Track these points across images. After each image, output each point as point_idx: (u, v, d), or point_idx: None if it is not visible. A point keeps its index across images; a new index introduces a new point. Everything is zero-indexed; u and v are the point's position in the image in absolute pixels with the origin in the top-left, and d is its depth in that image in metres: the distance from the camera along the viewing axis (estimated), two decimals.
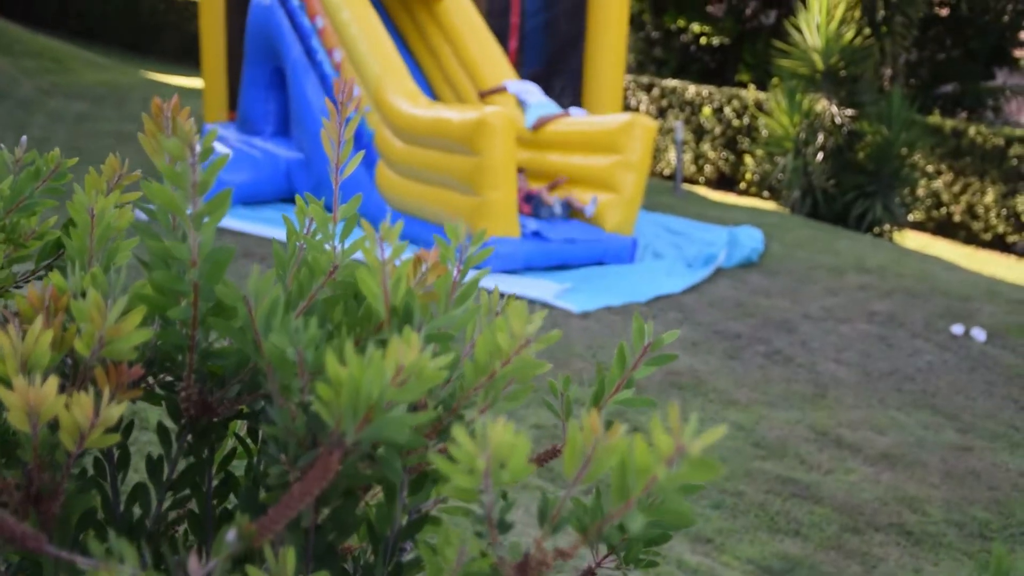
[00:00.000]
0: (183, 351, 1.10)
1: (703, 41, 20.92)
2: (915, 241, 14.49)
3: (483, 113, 7.75)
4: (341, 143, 1.22)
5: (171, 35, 26.63)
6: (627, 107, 18.46)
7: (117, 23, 27.52)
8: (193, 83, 18.99)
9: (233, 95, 11.93)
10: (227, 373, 1.13)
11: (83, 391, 0.92)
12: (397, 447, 0.97)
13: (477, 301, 1.14)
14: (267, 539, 0.91)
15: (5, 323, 1.09)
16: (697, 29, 20.58)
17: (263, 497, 1.08)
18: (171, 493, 1.17)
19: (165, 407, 1.15)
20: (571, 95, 11.54)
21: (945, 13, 18.38)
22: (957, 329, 7.42)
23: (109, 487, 1.15)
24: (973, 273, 9.98)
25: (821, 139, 13.61)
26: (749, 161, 16.67)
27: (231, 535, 0.88)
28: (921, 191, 15.09)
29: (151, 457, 1.16)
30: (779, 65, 14.22)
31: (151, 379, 1.15)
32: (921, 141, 13.70)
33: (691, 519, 0.84)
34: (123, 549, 0.90)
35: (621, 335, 6.64)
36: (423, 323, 1.07)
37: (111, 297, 1.06)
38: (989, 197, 14.86)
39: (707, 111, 17.51)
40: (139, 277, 1.09)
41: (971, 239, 15.24)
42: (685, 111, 17.94)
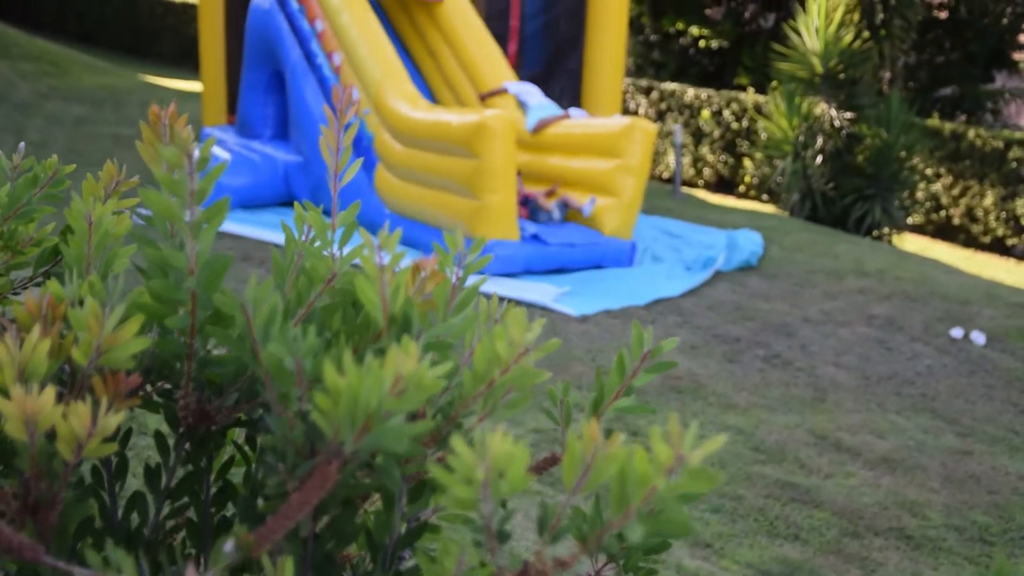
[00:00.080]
0: (181, 359, 1.10)
1: (702, 44, 20.94)
2: (914, 244, 14.49)
3: (483, 116, 7.75)
4: (340, 150, 1.21)
5: (169, 38, 26.65)
6: (626, 110, 18.46)
7: (115, 26, 27.55)
8: (192, 86, 19.00)
9: (232, 98, 11.93)
10: (225, 381, 1.13)
11: (81, 400, 0.91)
12: (395, 456, 0.97)
13: (476, 308, 1.13)
14: (265, 549, 0.90)
15: (3, 332, 1.08)
16: (696, 32, 20.60)
17: (261, 506, 1.07)
18: (169, 501, 1.17)
19: (163, 415, 1.15)
20: (570, 97, 11.54)
21: (944, 16, 18.40)
22: (956, 333, 7.42)
23: (107, 495, 1.15)
24: (972, 276, 9.98)
25: (820, 142, 13.62)
26: (748, 164, 16.67)
27: (229, 545, 0.88)
28: (920, 194, 15.09)
29: (149, 466, 1.15)
30: (778, 68, 14.23)
31: (149, 387, 1.15)
32: (920, 144, 13.70)
33: (690, 529, 0.83)
34: (120, 559, 0.89)
35: (620, 339, 6.63)
36: (422, 331, 1.07)
37: (109, 305, 1.06)
38: (988, 200, 14.87)
39: (706, 114, 17.51)
40: (137, 283, 1.09)
41: (970, 242, 15.25)
42: (684, 114, 17.94)
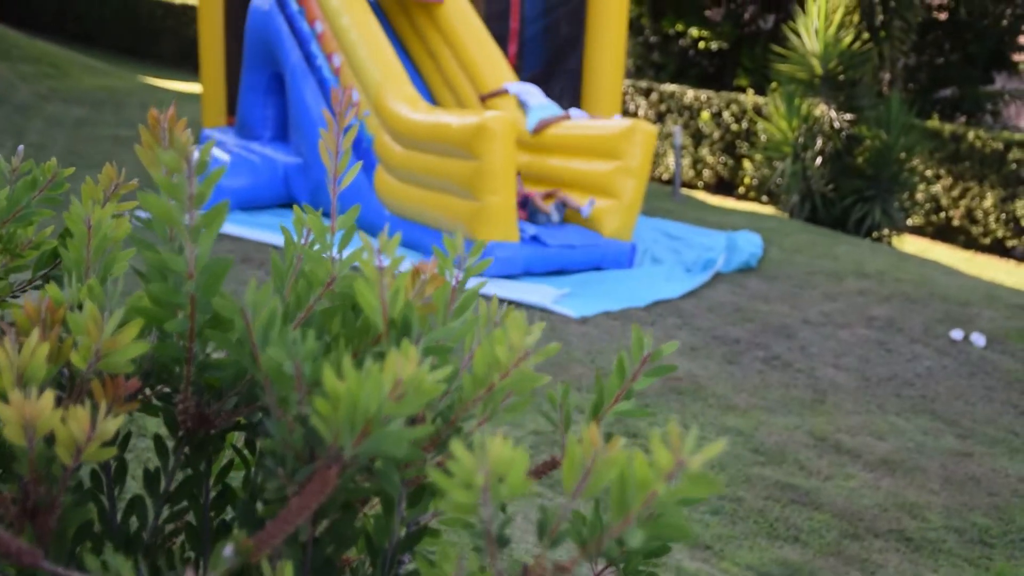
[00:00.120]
0: (180, 363, 1.10)
1: (701, 45, 20.94)
2: (914, 246, 14.49)
3: (483, 117, 7.75)
4: (339, 153, 1.21)
5: (169, 40, 26.65)
6: (626, 112, 18.46)
7: (115, 28, 27.55)
8: (191, 88, 19.01)
9: (232, 100, 11.93)
10: (224, 385, 1.12)
11: (80, 404, 0.91)
12: (395, 460, 0.97)
13: (476, 312, 1.13)
14: (265, 554, 0.90)
15: (1, 336, 1.08)
16: (695, 33, 20.60)
17: (261, 510, 1.07)
18: (168, 505, 1.17)
19: (162, 419, 1.15)
20: (570, 99, 11.55)
21: (944, 17, 18.40)
22: (956, 334, 7.42)
23: (106, 499, 1.15)
24: (972, 278, 9.98)
25: (820, 144, 13.61)
26: (748, 166, 16.67)
27: (228, 550, 0.88)
28: (920, 195, 15.09)
29: (148, 470, 1.15)
30: (777, 70, 14.22)
31: (148, 391, 1.15)
32: (920, 145, 13.70)
33: (690, 534, 0.83)
34: (119, 564, 0.89)
35: (620, 340, 6.63)
36: (421, 335, 1.06)
37: (108, 309, 1.06)
38: (988, 201, 14.87)
39: (705, 116, 17.51)
40: (136, 285, 1.09)
41: (970, 243, 15.24)
42: (684, 116, 17.94)
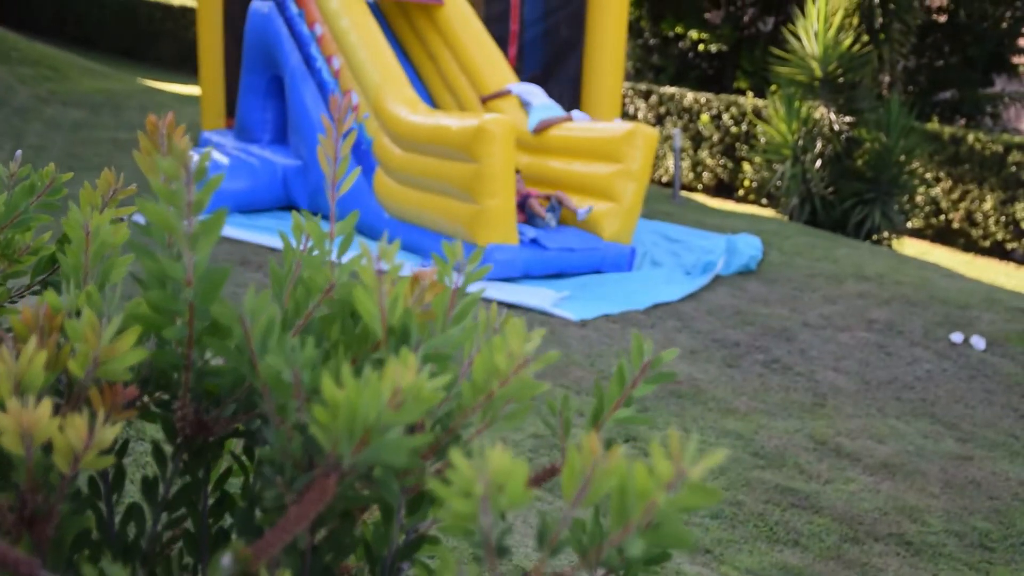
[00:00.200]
0: (179, 370, 1.09)
1: (701, 48, 20.95)
2: (914, 248, 14.49)
3: (482, 120, 7.74)
4: (338, 159, 1.21)
5: (168, 42, 26.66)
6: (625, 114, 18.46)
7: (114, 30, 27.56)
8: (190, 90, 19.01)
9: (231, 102, 11.93)
10: (223, 392, 1.12)
11: (77, 412, 0.91)
12: (394, 469, 0.96)
13: (475, 318, 1.12)
14: (263, 562, 0.90)
15: None
16: (695, 36, 20.61)
17: (259, 518, 1.06)
18: (166, 513, 1.16)
19: (161, 425, 1.14)
20: (569, 101, 11.55)
21: (943, 20, 18.42)
22: (956, 337, 7.41)
23: (104, 506, 1.14)
24: (972, 280, 9.98)
25: (819, 146, 13.61)
26: (747, 168, 16.67)
27: (226, 559, 0.87)
28: (920, 198, 15.08)
29: (147, 477, 1.15)
30: (777, 72, 14.22)
31: (146, 397, 1.14)
32: (919, 148, 13.69)
33: (690, 542, 0.83)
34: (116, 572, 0.89)
35: (619, 343, 6.63)
36: (420, 342, 1.06)
37: (106, 316, 1.05)
38: (988, 204, 14.86)
39: (705, 118, 17.51)
40: (135, 291, 1.08)
41: (970, 246, 15.24)
42: (683, 118, 17.94)
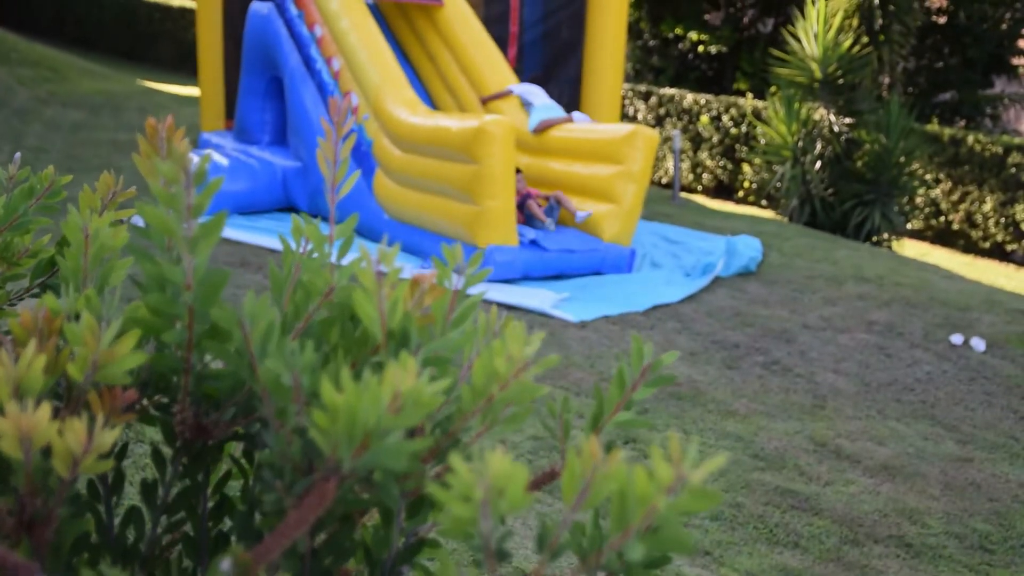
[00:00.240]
0: (178, 373, 1.09)
1: (701, 49, 20.95)
2: (914, 250, 14.48)
3: (482, 121, 7.74)
4: (337, 162, 1.21)
5: (167, 43, 26.65)
6: (625, 116, 18.45)
7: (114, 31, 27.56)
8: (190, 91, 18.99)
9: (230, 103, 11.93)
10: (222, 395, 1.12)
11: (76, 416, 0.90)
12: (394, 473, 0.96)
13: (475, 322, 1.12)
14: (263, 567, 0.89)
15: None
16: (695, 37, 20.60)
17: (259, 522, 1.06)
18: (166, 516, 1.16)
19: (160, 429, 1.14)
20: (569, 102, 11.55)
21: (943, 21, 18.41)
22: (956, 339, 7.41)
23: (103, 510, 1.14)
24: (972, 282, 9.97)
25: (819, 147, 13.60)
26: (747, 169, 16.66)
27: (226, 564, 0.87)
28: (920, 199, 15.08)
29: (146, 481, 1.14)
30: (777, 73, 14.21)
31: (146, 400, 1.14)
32: (919, 149, 13.68)
33: (690, 546, 0.82)
34: None
35: (619, 345, 6.62)
36: (420, 345, 1.06)
37: (105, 320, 1.05)
38: (988, 205, 14.86)
39: (705, 119, 17.51)
40: (134, 293, 1.08)
41: (970, 248, 15.23)
42: (683, 119, 17.94)
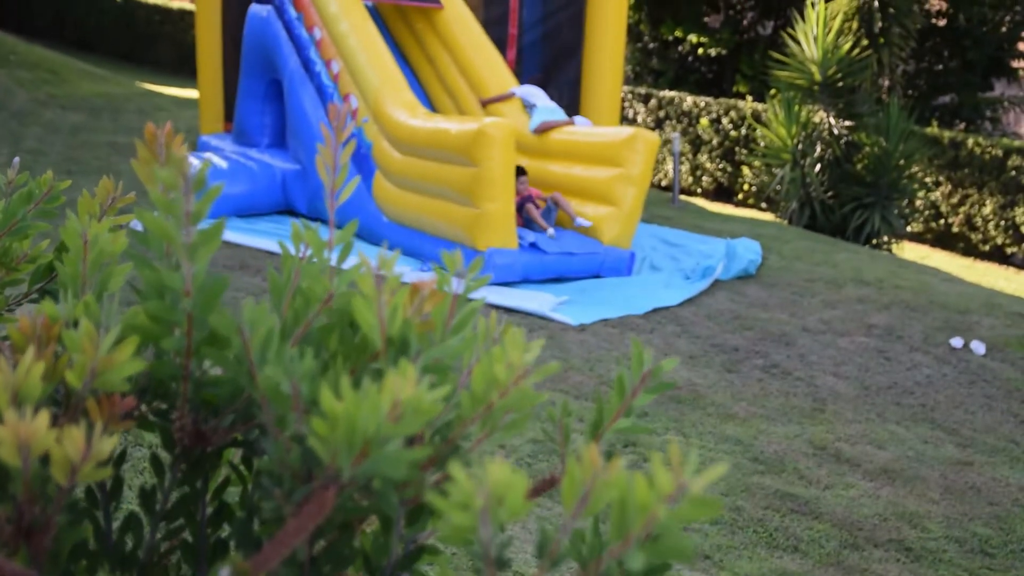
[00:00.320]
0: (177, 380, 1.09)
1: (700, 52, 20.94)
2: (913, 253, 14.48)
3: (482, 124, 7.74)
4: (337, 168, 1.20)
5: (167, 46, 26.66)
6: (624, 118, 18.45)
7: (113, 33, 27.56)
8: (189, 94, 18.98)
9: (229, 106, 11.92)
10: (221, 402, 1.11)
11: (75, 423, 0.90)
12: (393, 481, 0.96)
13: (475, 328, 1.12)
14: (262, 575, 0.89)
15: None
16: (694, 40, 20.60)
17: (258, 529, 1.06)
18: (164, 523, 1.16)
19: (159, 435, 1.13)
20: (568, 104, 11.54)
21: (943, 24, 18.42)
22: (956, 342, 7.41)
23: (102, 516, 1.14)
24: (972, 285, 9.97)
25: (819, 150, 13.60)
26: (746, 172, 16.66)
27: (225, 573, 0.87)
28: (919, 202, 15.08)
29: (144, 488, 1.14)
30: (776, 76, 14.21)
31: (144, 407, 1.14)
32: (919, 152, 13.68)
33: (690, 554, 0.82)
34: None
35: (618, 348, 6.62)
36: (420, 352, 1.05)
37: (104, 326, 1.05)
38: (988, 208, 14.86)
39: (704, 122, 17.51)
40: (133, 298, 1.07)
41: (970, 251, 15.23)
42: (682, 122, 17.94)
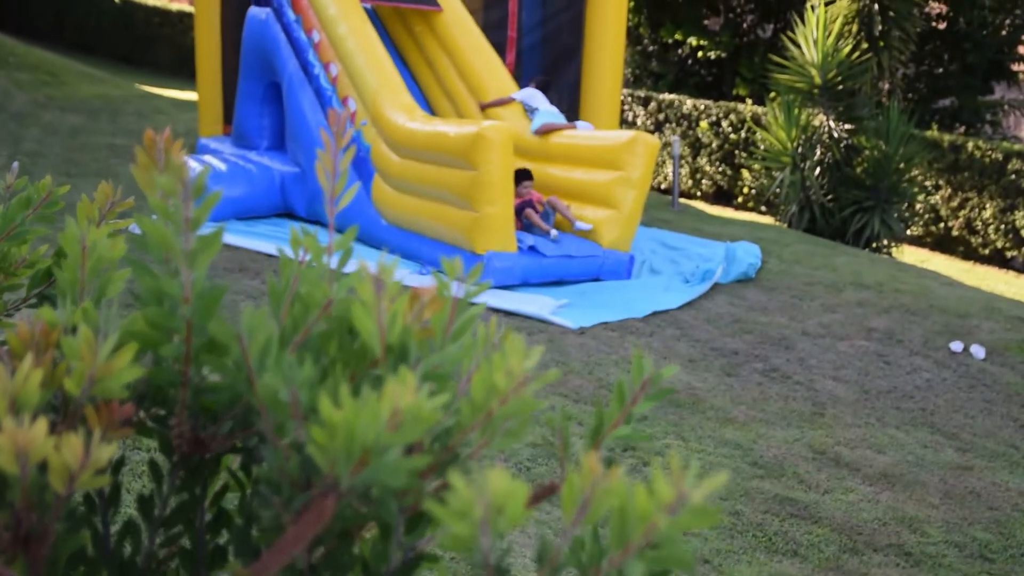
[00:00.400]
0: (176, 387, 1.08)
1: (700, 55, 20.95)
2: (913, 256, 14.48)
3: (481, 127, 7.74)
4: (336, 174, 1.20)
5: (166, 47, 26.67)
6: (624, 121, 18.45)
7: (112, 35, 27.58)
8: (188, 96, 18.98)
9: (228, 108, 11.91)
10: (220, 409, 1.11)
11: (73, 431, 0.90)
12: (392, 490, 0.95)
13: (475, 333, 1.11)
14: None
15: None
16: (694, 42, 20.61)
17: (256, 536, 1.05)
18: (163, 530, 1.15)
19: (157, 442, 1.13)
20: (568, 108, 11.54)
21: (943, 27, 18.42)
22: (956, 346, 7.40)
23: (100, 523, 1.13)
24: (972, 289, 9.97)
25: (819, 153, 13.60)
26: (746, 175, 16.66)
27: None
28: (919, 206, 15.07)
29: (143, 495, 1.14)
30: (776, 79, 14.20)
31: (143, 413, 1.13)
32: (919, 156, 13.68)
33: (691, 563, 0.82)
34: None
35: (618, 352, 6.62)
36: (420, 359, 1.05)
37: (102, 333, 1.04)
38: (987, 212, 14.86)
39: (704, 125, 17.51)
40: (132, 303, 1.07)
41: (969, 254, 15.23)
42: (682, 125, 17.94)
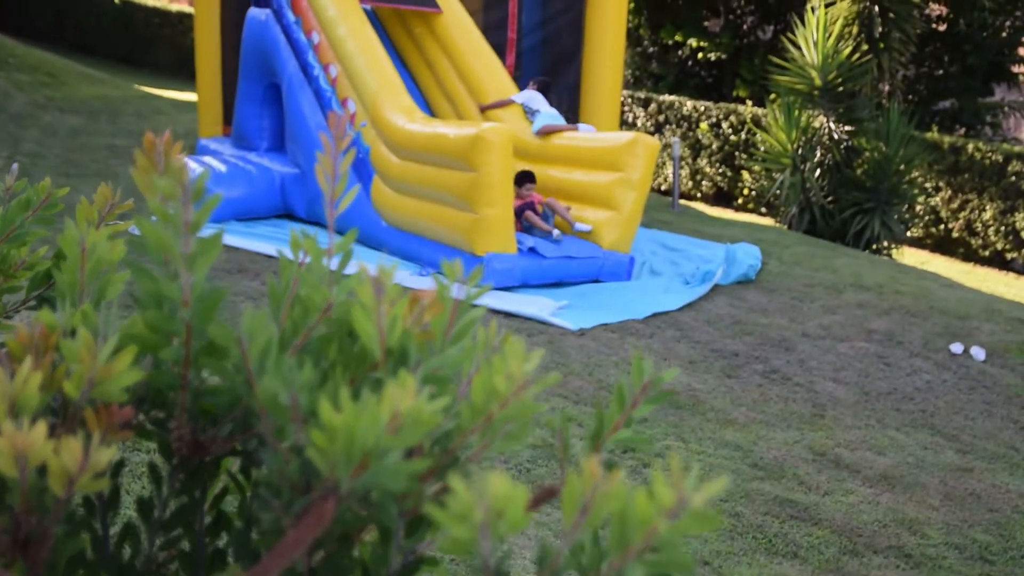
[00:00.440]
0: (175, 390, 1.08)
1: (700, 56, 20.96)
2: (913, 258, 14.48)
3: (480, 129, 7.74)
4: (336, 177, 1.20)
5: (165, 48, 26.69)
6: (624, 122, 18.45)
7: (112, 36, 27.59)
8: (187, 97, 18.98)
9: (228, 109, 11.91)
10: (219, 412, 1.11)
11: (72, 433, 0.90)
12: (392, 493, 0.95)
13: (475, 336, 1.11)
14: None
15: None
16: (694, 44, 20.62)
17: (256, 539, 1.05)
18: (162, 533, 1.15)
19: (157, 445, 1.13)
20: (568, 109, 11.54)
21: (943, 29, 18.43)
22: (956, 348, 7.40)
23: (99, 526, 1.13)
24: (972, 290, 9.97)
25: (819, 155, 13.60)
26: (746, 177, 16.67)
27: None
28: (919, 208, 15.08)
29: (142, 498, 1.13)
30: (776, 81, 14.20)
31: (142, 416, 1.13)
32: (919, 157, 13.68)
33: (691, 567, 0.81)
34: None
35: (618, 353, 6.62)
36: (420, 362, 1.05)
37: (101, 336, 1.04)
38: (988, 214, 14.86)
39: (704, 126, 17.51)
40: (131, 306, 1.07)
41: (970, 256, 15.23)
42: (682, 126, 17.94)
